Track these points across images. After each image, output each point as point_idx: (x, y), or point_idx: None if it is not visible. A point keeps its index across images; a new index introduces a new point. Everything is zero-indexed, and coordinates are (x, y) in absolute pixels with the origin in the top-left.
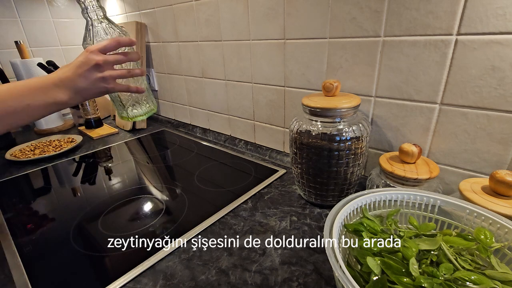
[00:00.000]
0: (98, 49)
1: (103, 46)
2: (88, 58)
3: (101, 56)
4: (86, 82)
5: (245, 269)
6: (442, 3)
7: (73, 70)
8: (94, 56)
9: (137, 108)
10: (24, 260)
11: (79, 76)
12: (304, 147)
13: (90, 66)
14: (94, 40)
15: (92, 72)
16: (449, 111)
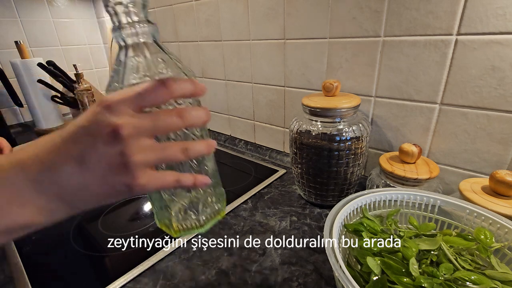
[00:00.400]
0: (123, 101)
1: (134, 95)
2: (97, 120)
3: (130, 117)
4: (86, 176)
5: (245, 269)
6: (442, 3)
7: (61, 148)
8: (113, 114)
9: (192, 213)
10: (24, 260)
11: (74, 162)
12: (304, 147)
13: (100, 136)
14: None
15: (101, 149)
16: (449, 111)
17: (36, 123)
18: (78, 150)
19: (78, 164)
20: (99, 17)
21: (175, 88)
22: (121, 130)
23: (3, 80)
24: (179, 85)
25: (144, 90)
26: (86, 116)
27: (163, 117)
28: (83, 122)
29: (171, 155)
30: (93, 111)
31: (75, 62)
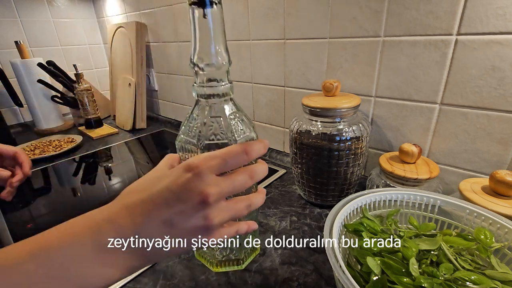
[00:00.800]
0: (214, 169)
1: (221, 162)
2: (189, 188)
3: (216, 185)
4: (172, 237)
5: (245, 269)
6: (442, 3)
7: (152, 211)
8: (203, 183)
9: (233, 255)
10: None
11: (164, 226)
12: (304, 147)
13: (191, 204)
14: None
15: (190, 216)
16: (449, 111)
17: (36, 123)
18: (169, 215)
19: (167, 227)
20: (99, 17)
21: (252, 154)
22: (209, 198)
23: (3, 80)
24: (255, 150)
25: (229, 157)
26: (177, 181)
27: (239, 179)
28: (174, 188)
29: (238, 212)
30: (184, 178)
31: (75, 62)
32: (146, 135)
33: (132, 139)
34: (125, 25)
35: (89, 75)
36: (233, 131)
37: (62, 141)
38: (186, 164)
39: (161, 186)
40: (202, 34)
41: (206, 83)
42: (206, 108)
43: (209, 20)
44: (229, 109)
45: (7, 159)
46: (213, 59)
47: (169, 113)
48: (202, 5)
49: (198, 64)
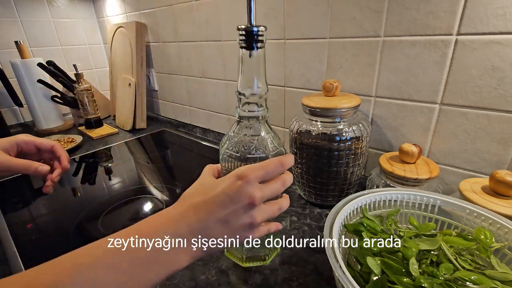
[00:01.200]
0: (259, 178)
1: (264, 173)
2: (241, 192)
3: (260, 190)
4: (225, 232)
5: (245, 269)
6: (442, 3)
7: (213, 210)
8: (251, 188)
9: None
10: (24, 260)
11: (220, 222)
12: (304, 147)
13: (242, 205)
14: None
15: (240, 215)
16: (449, 111)
17: (36, 123)
18: (224, 214)
19: (223, 224)
20: (99, 17)
21: (286, 166)
22: (256, 201)
23: (3, 80)
24: (288, 162)
25: (269, 168)
26: (231, 187)
27: (276, 186)
28: (229, 192)
29: (274, 214)
30: (237, 184)
31: (75, 62)
32: (146, 135)
33: (132, 139)
34: (125, 25)
35: (89, 75)
36: (268, 146)
37: (62, 141)
38: (237, 173)
39: (218, 190)
40: (247, 69)
41: (248, 107)
42: (246, 127)
43: (254, 59)
44: (265, 129)
45: (45, 152)
46: (255, 89)
47: (169, 113)
48: (250, 48)
49: (243, 92)
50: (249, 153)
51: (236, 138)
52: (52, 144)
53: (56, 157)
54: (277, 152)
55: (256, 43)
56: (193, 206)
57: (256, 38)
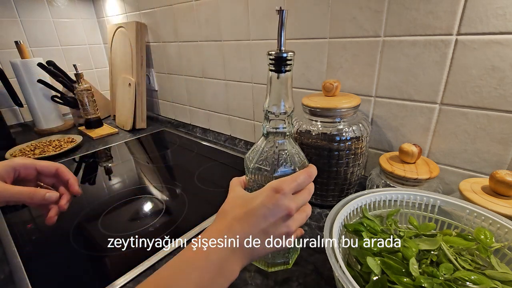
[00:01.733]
0: (292, 190)
1: (296, 185)
2: (279, 204)
3: (294, 201)
4: (266, 241)
5: (245, 269)
6: (442, 3)
7: (255, 222)
8: (287, 200)
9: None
10: (24, 260)
11: (262, 233)
12: (304, 147)
13: (280, 216)
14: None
15: (279, 225)
16: (449, 111)
17: (36, 123)
18: (265, 225)
19: (264, 234)
20: (99, 17)
21: (313, 177)
22: (292, 212)
23: (3, 80)
24: (313, 173)
25: (300, 180)
26: (270, 200)
27: (305, 196)
28: (269, 205)
29: (303, 221)
30: (275, 197)
31: (75, 62)
32: (146, 135)
33: (132, 139)
34: (125, 25)
35: (89, 75)
36: (295, 160)
37: (62, 141)
38: (273, 186)
39: (257, 203)
40: (274, 90)
41: (275, 124)
42: (273, 142)
43: (281, 80)
44: (290, 144)
45: (47, 177)
46: (281, 108)
47: (169, 113)
48: (278, 71)
49: (270, 110)
50: (278, 166)
51: (265, 153)
52: (57, 166)
53: (62, 182)
54: (302, 164)
55: (285, 67)
56: (237, 219)
57: (285, 62)
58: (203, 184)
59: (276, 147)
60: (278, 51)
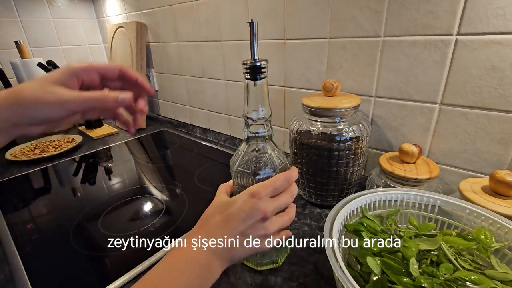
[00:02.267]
0: (269, 194)
1: (273, 189)
2: (255, 208)
3: (271, 204)
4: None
5: (245, 269)
6: (442, 3)
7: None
8: (263, 204)
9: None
10: (24, 260)
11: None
12: (304, 147)
13: (257, 219)
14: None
15: (256, 228)
16: (449, 111)
17: None
18: (243, 227)
19: (242, 236)
20: (99, 17)
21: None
22: (267, 215)
23: (3, 80)
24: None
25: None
26: (246, 204)
27: (284, 199)
28: (245, 209)
29: (284, 223)
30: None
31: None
32: (146, 135)
33: (132, 139)
34: (125, 25)
35: None
36: (275, 162)
37: (62, 141)
38: (250, 191)
39: (235, 208)
40: (252, 97)
41: (254, 128)
42: (254, 146)
43: (258, 87)
44: (271, 146)
45: (112, 81)
46: (260, 113)
47: (169, 113)
48: (254, 79)
49: (250, 116)
50: (259, 169)
51: (246, 156)
52: (119, 66)
53: (129, 83)
54: (282, 166)
55: (260, 75)
56: (217, 224)
57: (259, 70)
58: (203, 184)
59: (256, 151)
60: (252, 61)
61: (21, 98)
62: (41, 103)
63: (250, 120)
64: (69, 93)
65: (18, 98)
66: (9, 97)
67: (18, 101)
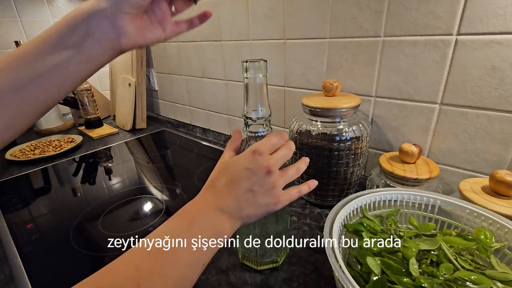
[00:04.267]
0: (269, 150)
1: (271, 144)
2: (258, 163)
3: (272, 158)
4: (254, 199)
5: (245, 269)
6: (442, 3)
7: (240, 185)
8: (266, 158)
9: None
10: (24, 260)
11: (248, 192)
12: (304, 147)
13: (262, 174)
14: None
15: (263, 182)
16: (449, 111)
17: (36, 123)
18: (249, 184)
19: (250, 193)
20: None
21: (285, 136)
22: (271, 167)
23: None
24: (285, 135)
25: (274, 140)
26: (248, 160)
27: (284, 152)
28: (247, 165)
29: (292, 176)
30: (254, 158)
31: None
32: (146, 135)
33: (132, 139)
34: None
35: None
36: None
37: (62, 141)
38: (251, 149)
39: (240, 167)
40: (251, 96)
41: (254, 128)
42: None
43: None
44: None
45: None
46: (259, 113)
47: (169, 113)
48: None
49: (249, 116)
50: None
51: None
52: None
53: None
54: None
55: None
56: (224, 186)
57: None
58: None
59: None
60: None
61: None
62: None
63: (250, 120)
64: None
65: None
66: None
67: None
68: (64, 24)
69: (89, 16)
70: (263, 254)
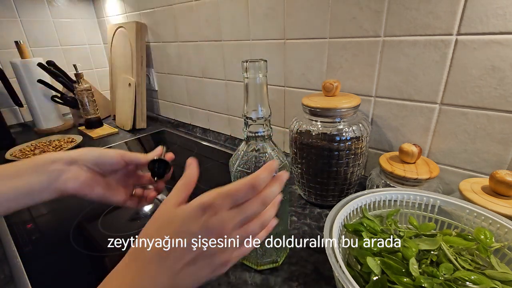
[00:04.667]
0: (231, 201)
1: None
2: (208, 228)
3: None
4: (195, 275)
5: (245, 269)
6: (442, 3)
7: (176, 258)
8: (219, 221)
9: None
10: (24, 260)
11: (190, 267)
12: (304, 147)
13: (210, 244)
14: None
15: (211, 255)
16: (449, 111)
17: (36, 123)
18: (192, 255)
19: (192, 266)
20: (99, 17)
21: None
22: (227, 232)
23: (3, 80)
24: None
25: (239, 195)
26: (194, 220)
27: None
28: (193, 228)
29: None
30: (201, 218)
31: (75, 62)
32: (146, 135)
33: (132, 139)
34: (125, 25)
35: (89, 75)
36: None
37: (62, 141)
38: (203, 204)
39: (182, 229)
40: (251, 96)
41: (254, 128)
42: (254, 146)
43: (257, 87)
44: (270, 146)
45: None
46: (259, 113)
47: (169, 113)
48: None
49: (249, 116)
50: (258, 168)
51: (246, 156)
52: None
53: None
54: (282, 166)
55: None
56: (157, 259)
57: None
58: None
59: (255, 151)
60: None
61: None
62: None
63: (250, 120)
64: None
65: None
66: None
67: None
68: (27, 162)
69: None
70: (263, 254)
